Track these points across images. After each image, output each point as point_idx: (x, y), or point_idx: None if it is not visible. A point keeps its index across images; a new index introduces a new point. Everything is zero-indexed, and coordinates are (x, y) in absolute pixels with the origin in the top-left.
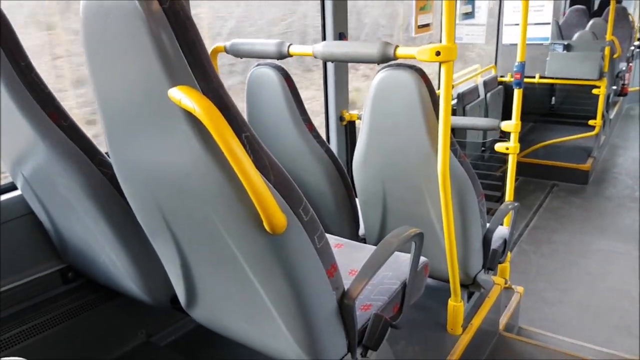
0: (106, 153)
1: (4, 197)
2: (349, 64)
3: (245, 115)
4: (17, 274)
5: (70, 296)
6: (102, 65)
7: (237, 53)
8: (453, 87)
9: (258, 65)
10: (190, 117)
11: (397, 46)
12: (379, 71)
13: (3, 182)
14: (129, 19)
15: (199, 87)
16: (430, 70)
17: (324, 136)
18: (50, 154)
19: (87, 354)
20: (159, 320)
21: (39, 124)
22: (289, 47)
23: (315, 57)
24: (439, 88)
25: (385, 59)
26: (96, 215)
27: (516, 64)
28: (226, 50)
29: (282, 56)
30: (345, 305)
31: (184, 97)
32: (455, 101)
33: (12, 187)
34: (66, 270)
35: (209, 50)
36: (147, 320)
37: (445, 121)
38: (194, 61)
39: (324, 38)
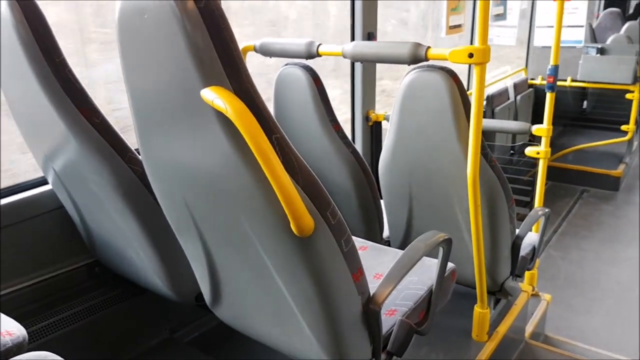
0: (136, 150)
1: (35, 191)
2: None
3: (272, 114)
4: (45, 267)
5: (96, 290)
6: (136, 63)
7: (266, 52)
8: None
9: (287, 64)
10: (221, 117)
11: (428, 47)
12: (409, 72)
13: (35, 176)
14: (164, 18)
15: (232, 88)
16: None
17: (349, 135)
18: (82, 150)
19: (111, 349)
20: (183, 317)
21: (72, 120)
22: (318, 47)
23: (344, 57)
24: (468, 89)
25: (416, 60)
26: (125, 211)
27: (549, 66)
28: (255, 49)
29: (311, 56)
30: (370, 310)
31: (216, 97)
32: (484, 103)
33: (43, 181)
34: (93, 264)
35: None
36: (171, 317)
37: (476, 124)
38: (227, 61)
39: (352, 38)
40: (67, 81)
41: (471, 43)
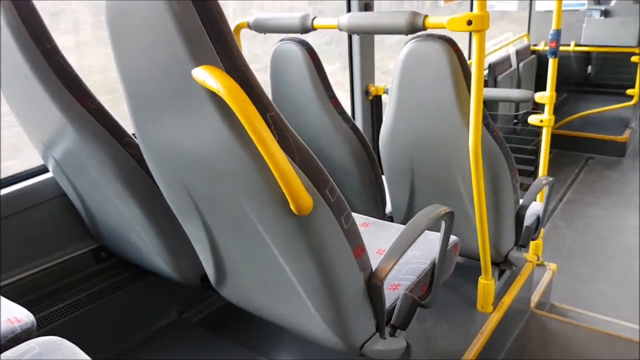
0: (133, 134)
1: (37, 179)
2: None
3: (269, 92)
4: (51, 254)
5: (103, 275)
6: (126, 47)
7: (260, 28)
8: (484, 57)
9: (282, 40)
10: (214, 97)
11: (426, 16)
12: (407, 42)
13: (35, 164)
14: (152, 0)
15: (223, 67)
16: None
17: (348, 111)
18: (79, 136)
19: (121, 331)
20: (190, 298)
21: (67, 107)
22: (312, 20)
23: (340, 30)
24: (469, 59)
25: (414, 30)
26: (125, 195)
27: (551, 31)
28: (249, 26)
29: (306, 30)
30: (373, 286)
31: (208, 76)
32: (486, 72)
33: (44, 169)
34: (98, 250)
35: (232, 27)
36: (179, 298)
37: (477, 93)
38: (217, 40)
39: (348, 10)
40: (60, 68)
41: (471, 10)
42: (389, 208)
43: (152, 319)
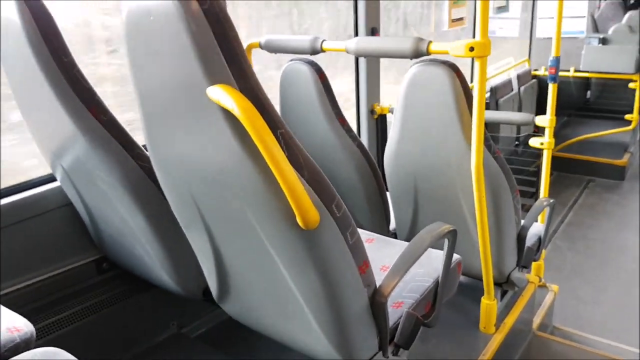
0: (144, 146)
1: (43, 188)
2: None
3: (278, 110)
4: (53, 264)
5: (105, 286)
6: (143, 62)
7: (271, 49)
8: (486, 80)
9: (292, 60)
10: (227, 114)
11: (430, 42)
12: (411, 66)
13: (42, 173)
14: (169, 18)
15: (237, 86)
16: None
17: (354, 128)
18: (90, 147)
19: (119, 344)
20: (191, 312)
21: (80, 118)
22: (322, 42)
23: (348, 53)
24: (471, 81)
25: (418, 55)
26: (133, 207)
27: (551, 58)
28: (261, 46)
29: (315, 52)
30: (377, 303)
31: (223, 96)
32: (487, 94)
33: (51, 178)
34: (101, 260)
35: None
36: (179, 312)
37: (479, 116)
38: (232, 60)
39: (356, 34)
40: (75, 80)
41: (473, 36)
42: (393, 225)
43: (151, 333)
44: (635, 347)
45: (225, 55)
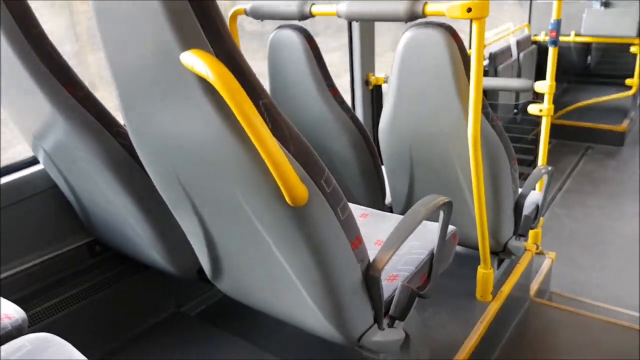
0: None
1: (26, 171)
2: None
3: (267, 80)
4: (43, 249)
5: (98, 269)
6: (114, 34)
7: (257, 15)
8: (485, 47)
9: (279, 27)
10: (204, 83)
11: (426, 3)
12: (406, 30)
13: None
14: None
15: (213, 51)
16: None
17: (348, 101)
18: (68, 126)
19: (118, 326)
20: (189, 291)
21: (56, 97)
22: (310, 6)
23: (339, 17)
24: (469, 47)
25: (413, 17)
26: (117, 187)
27: (552, 21)
28: (246, 12)
29: (304, 17)
30: (370, 277)
31: (197, 61)
32: (486, 62)
33: (34, 161)
34: (93, 243)
35: (229, 14)
36: (177, 291)
37: (476, 82)
38: (207, 24)
39: None
40: (47, 55)
41: None
42: (388, 198)
43: (149, 313)
44: (633, 310)
45: (200, 19)
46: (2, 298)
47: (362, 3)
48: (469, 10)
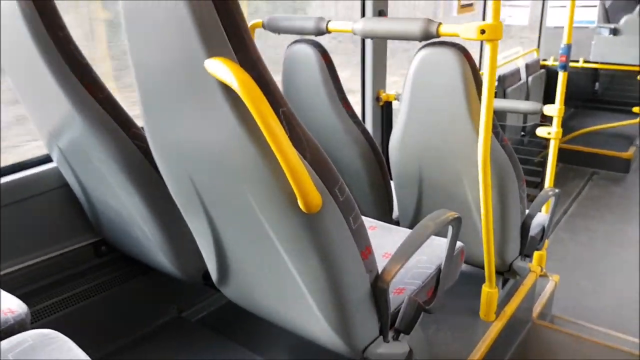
0: (142, 127)
1: (39, 168)
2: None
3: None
4: (50, 246)
5: (103, 270)
6: (141, 38)
7: (274, 29)
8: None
9: (295, 41)
10: (226, 90)
11: (440, 23)
12: (420, 49)
13: (39, 153)
14: None
15: (237, 59)
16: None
17: (359, 116)
18: (86, 126)
19: (118, 328)
20: (191, 296)
21: (76, 96)
22: (327, 23)
23: (354, 34)
24: (480, 68)
25: (427, 37)
26: (130, 188)
27: (562, 45)
28: (264, 26)
29: (320, 32)
30: (378, 288)
31: (221, 69)
32: (495, 84)
33: (47, 159)
34: (99, 243)
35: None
36: (179, 296)
37: (488, 102)
38: (232, 32)
39: (363, 15)
40: (71, 57)
41: (483, 20)
42: (396, 213)
43: (151, 317)
44: (634, 336)
45: (226, 27)
46: (6, 293)
47: (378, 21)
48: (483, 32)
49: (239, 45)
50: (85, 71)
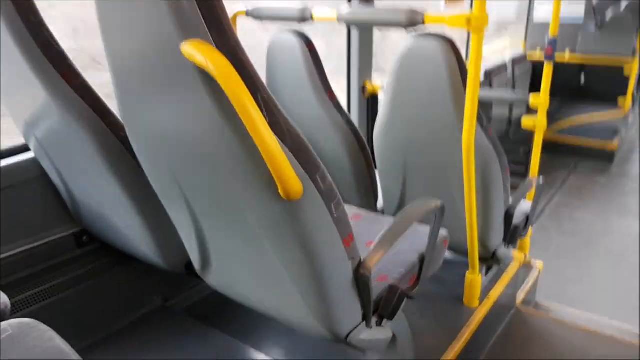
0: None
1: (16, 158)
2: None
3: (264, 82)
4: (30, 236)
5: (85, 259)
6: (115, 25)
7: (258, 17)
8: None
9: (280, 31)
10: (204, 74)
11: (426, 12)
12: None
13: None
14: None
15: (214, 43)
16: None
17: (344, 106)
18: (63, 114)
19: (102, 318)
20: (175, 286)
21: (52, 84)
22: (312, 11)
23: (339, 22)
24: (467, 58)
25: (413, 24)
26: (108, 177)
27: (548, 39)
28: (247, 14)
29: (304, 20)
30: (361, 275)
31: (197, 52)
32: (482, 78)
33: (24, 148)
34: (80, 233)
35: (230, 15)
36: (163, 285)
37: (472, 90)
38: (209, 15)
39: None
40: (46, 42)
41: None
42: (380, 202)
43: (134, 306)
44: (617, 321)
45: (203, 11)
46: None
47: (363, 9)
48: (469, 21)
49: (216, 28)
50: (61, 58)
